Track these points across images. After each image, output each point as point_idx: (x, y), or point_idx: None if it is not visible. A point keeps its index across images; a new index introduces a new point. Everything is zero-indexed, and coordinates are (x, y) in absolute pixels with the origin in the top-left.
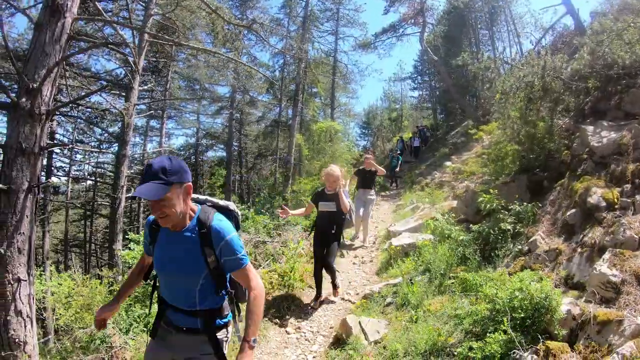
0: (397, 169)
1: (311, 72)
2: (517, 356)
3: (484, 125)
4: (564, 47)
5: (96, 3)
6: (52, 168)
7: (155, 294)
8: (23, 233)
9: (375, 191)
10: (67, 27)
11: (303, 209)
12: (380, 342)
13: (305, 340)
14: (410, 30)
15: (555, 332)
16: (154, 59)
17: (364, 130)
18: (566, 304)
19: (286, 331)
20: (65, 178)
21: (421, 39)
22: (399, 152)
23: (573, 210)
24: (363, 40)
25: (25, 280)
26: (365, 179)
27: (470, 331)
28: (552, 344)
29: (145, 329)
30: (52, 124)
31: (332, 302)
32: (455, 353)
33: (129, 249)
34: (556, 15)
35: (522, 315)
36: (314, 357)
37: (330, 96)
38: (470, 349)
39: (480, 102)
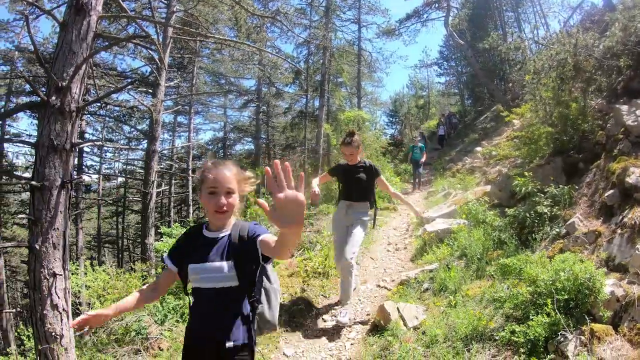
0: (422, 161)
1: (336, 61)
2: (562, 339)
3: (515, 108)
4: (592, 26)
5: (120, 1)
6: (83, 167)
7: None
8: (57, 228)
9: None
10: (93, 25)
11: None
12: (419, 328)
13: (343, 328)
14: (435, 15)
15: (600, 313)
16: (179, 56)
17: (391, 119)
18: (609, 285)
19: (323, 319)
20: (96, 176)
21: (446, 23)
22: (418, 138)
23: (611, 192)
24: (386, 27)
25: (61, 275)
26: (355, 183)
27: (511, 315)
28: (596, 326)
29: (180, 319)
30: (81, 124)
31: (368, 288)
32: (497, 337)
33: (162, 241)
34: None
35: (566, 296)
36: (351, 343)
37: (356, 85)
38: (513, 332)
39: (509, 85)
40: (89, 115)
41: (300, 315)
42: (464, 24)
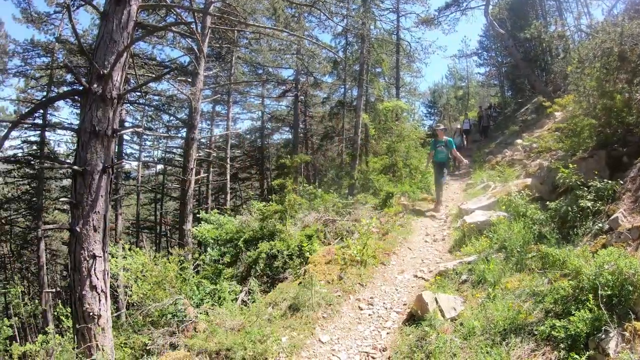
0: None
1: (374, 51)
2: (603, 335)
3: (557, 99)
4: (637, 16)
5: None
6: (123, 154)
7: None
8: (98, 212)
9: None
10: (133, 14)
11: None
12: (456, 319)
13: (379, 316)
14: (475, 4)
15: None
16: (217, 46)
17: (429, 110)
18: None
19: (359, 307)
20: (136, 163)
21: (486, 12)
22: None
23: None
24: (425, 16)
25: (101, 257)
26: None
27: (551, 310)
28: (638, 325)
29: (216, 303)
30: (121, 113)
31: (405, 277)
32: (536, 332)
33: (200, 226)
34: None
35: (609, 292)
36: (387, 333)
37: (394, 75)
38: (553, 327)
39: (551, 77)
40: (129, 105)
41: (337, 303)
42: (504, 12)
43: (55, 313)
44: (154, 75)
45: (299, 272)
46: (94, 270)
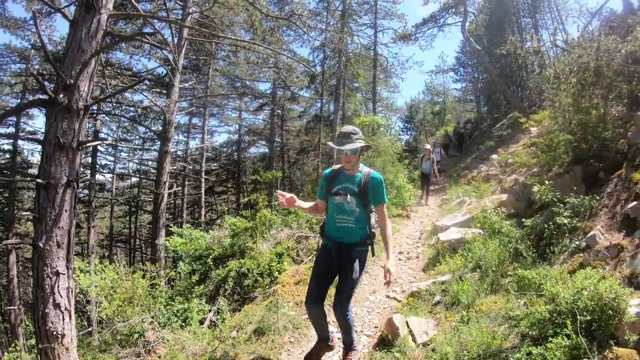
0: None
1: (351, 66)
2: None
3: (532, 115)
4: (612, 32)
5: (132, 1)
6: (97, 166)
7: None
8: (62, 227)
9: None
10: (103, 23)
11: None
12: (428, 345)
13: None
14: (452, 20)
15: (625, 337)
16: (194, 57)
17: (406, 125)
18: (634, 305)
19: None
20: (110, 175)
21: (463, 29)
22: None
23: (634, 203)
24: (403, 32)
25: (64, 274)
26: None
27: (527, 334)
28: (620, 351)
29: (183, 324)
30: (95, 123)
31: (377, 298)
32: (512, 359)
33: (172, 238)
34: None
35: (588, 317)
36: (357, 358)
37: (371, 90)
38: (529, 354)
39: (526, 92)
40: (104, 115)
41: (305, 326)
42: (481, 29)
43: (25, 328)
44: (127, 87)
45: (268, 292)
46: (58, 287)
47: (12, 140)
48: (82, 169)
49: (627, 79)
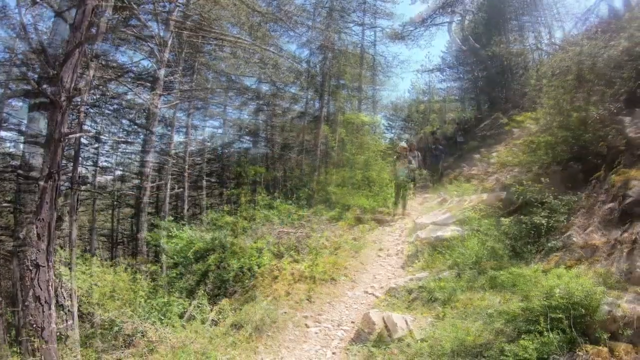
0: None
1: (338, 63)
2: None
3: (515, 116)
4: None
5: None
6: (80, 158)
7: None
8: (42, 219)
9: None
10: (88, 14)
11: None
12: (404, 340)
13: (325, 335)
14: (439, 20)
15: (596, 335)
16: (180, 51)
17: (391, 123)
18: (607, 304)
19: (306, 324)
20: (93, 168)
21: (449, 29)
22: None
23: (611, 205)
24: (391, 30)
25: (44, 267)
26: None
27: (501, 331)
28: (591, 348)
29: (163, 317)
30: (79, 116)
31: (355, 294)
32: (485, 355)
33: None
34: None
35: (560, 315)
36: (333, 352)
37: (357, 88)
38: (502, 351)
39: (510, 94)
40: (88, 107)
41: (282, 320)
42: (467, 30)
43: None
44: (111, 78)
45: (247, 286)
46: (38, 280)
47: None
48: (64, 162)
49: (609, 83)
